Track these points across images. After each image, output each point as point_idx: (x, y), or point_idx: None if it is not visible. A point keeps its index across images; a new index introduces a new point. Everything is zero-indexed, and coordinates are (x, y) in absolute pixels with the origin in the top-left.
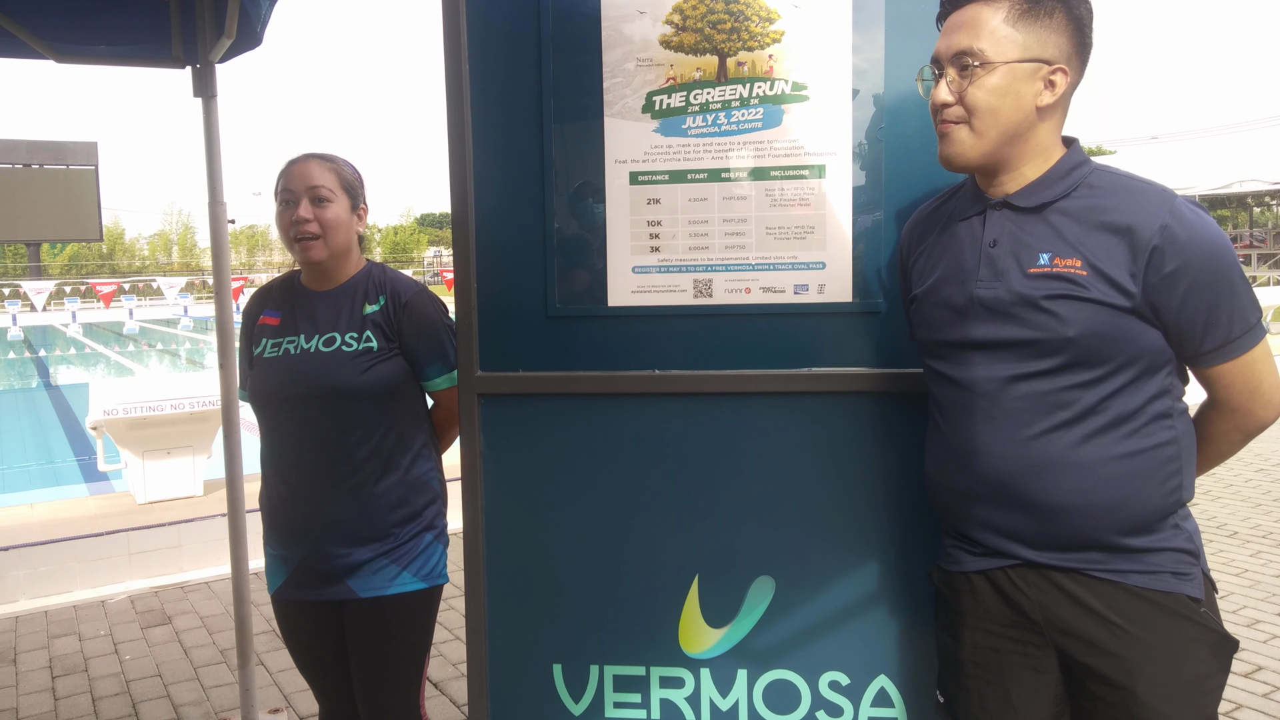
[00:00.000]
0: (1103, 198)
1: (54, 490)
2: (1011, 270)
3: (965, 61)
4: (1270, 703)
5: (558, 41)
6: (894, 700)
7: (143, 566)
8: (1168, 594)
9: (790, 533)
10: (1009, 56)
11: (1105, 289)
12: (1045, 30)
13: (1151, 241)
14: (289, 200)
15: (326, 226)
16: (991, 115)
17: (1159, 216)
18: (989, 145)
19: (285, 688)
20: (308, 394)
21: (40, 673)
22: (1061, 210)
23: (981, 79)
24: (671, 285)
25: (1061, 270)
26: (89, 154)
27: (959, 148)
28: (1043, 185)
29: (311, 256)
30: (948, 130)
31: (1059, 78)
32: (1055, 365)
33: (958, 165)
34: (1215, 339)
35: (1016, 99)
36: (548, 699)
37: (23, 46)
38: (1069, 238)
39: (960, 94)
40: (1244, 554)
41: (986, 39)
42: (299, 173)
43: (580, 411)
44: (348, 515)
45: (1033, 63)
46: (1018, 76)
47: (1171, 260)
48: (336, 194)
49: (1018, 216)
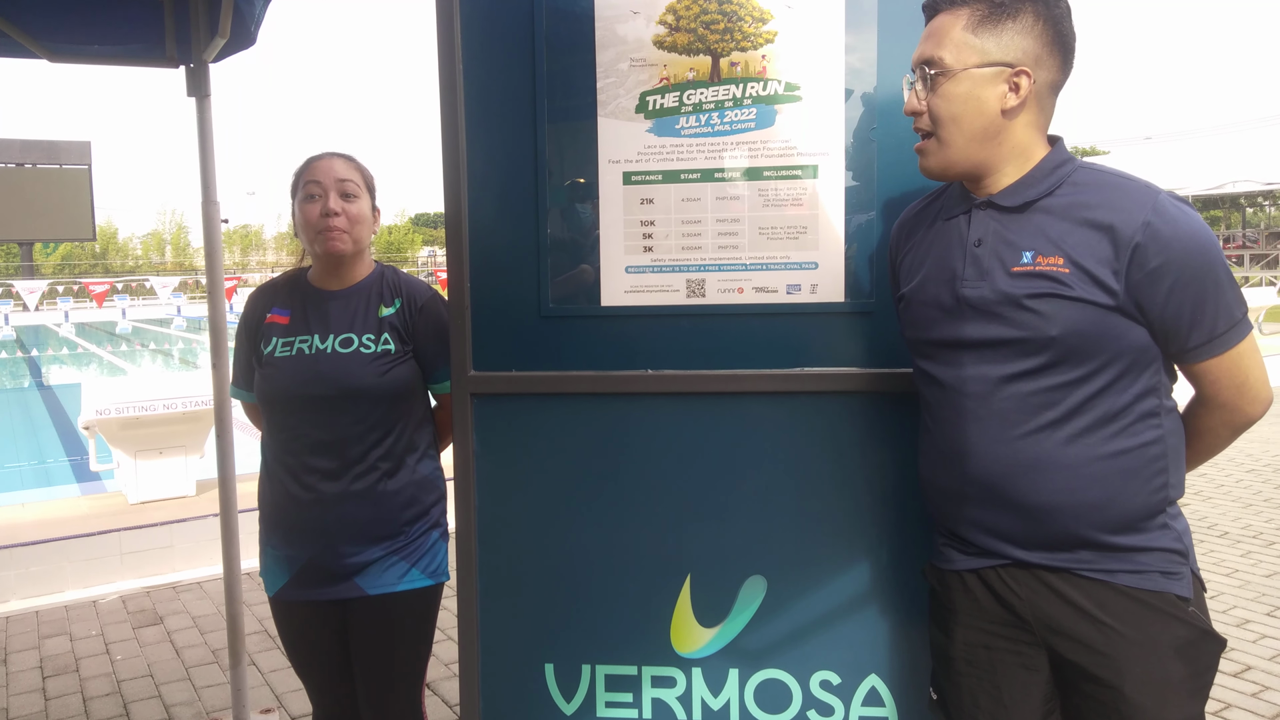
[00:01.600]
0: (1086, 194)
1: (46, 490)
2: (996, 269)
3: (927, 71)
4: (1259, 702)
5: (551, 41)
6: (885, 700)
7: (134, 566)
8: (1156, 593)
9: (782, 533)
10: (967, 63)
11: (1088, 287)
12: (1008, 34)
13: (1134, 238)
14: (315, 194)
15: (354, 221)
16: (954, 123)
17: (1141, 213)
18: (957, 153)
19: (277, 688)
20: (326, 394)
21: (31, 673)
22: (1045, 208)
23: (943, 87)
24: (664, 285)
25: (1044, 268)
26: (82, 153)
27: (929, 160)
28: (1025, 184)
29: (339, 248)
30: (921, 144)
31: (1023, 80)
32: (1040, 364)
33: (932, 175)
34: (1201, 335)
35: (978, 104)
36: (539, 698)
37: (16, 46)
38: (1052, 236)
39: (926, 103)
40: (1234, 554)
41: (947, 47)
42: (326, 168)
43: (573, 411)
44: (363, 515)
45: (993, 67)
46: (977, 82)
47: (1154, 257)
48: (361, 191)
49: (1002, 215)
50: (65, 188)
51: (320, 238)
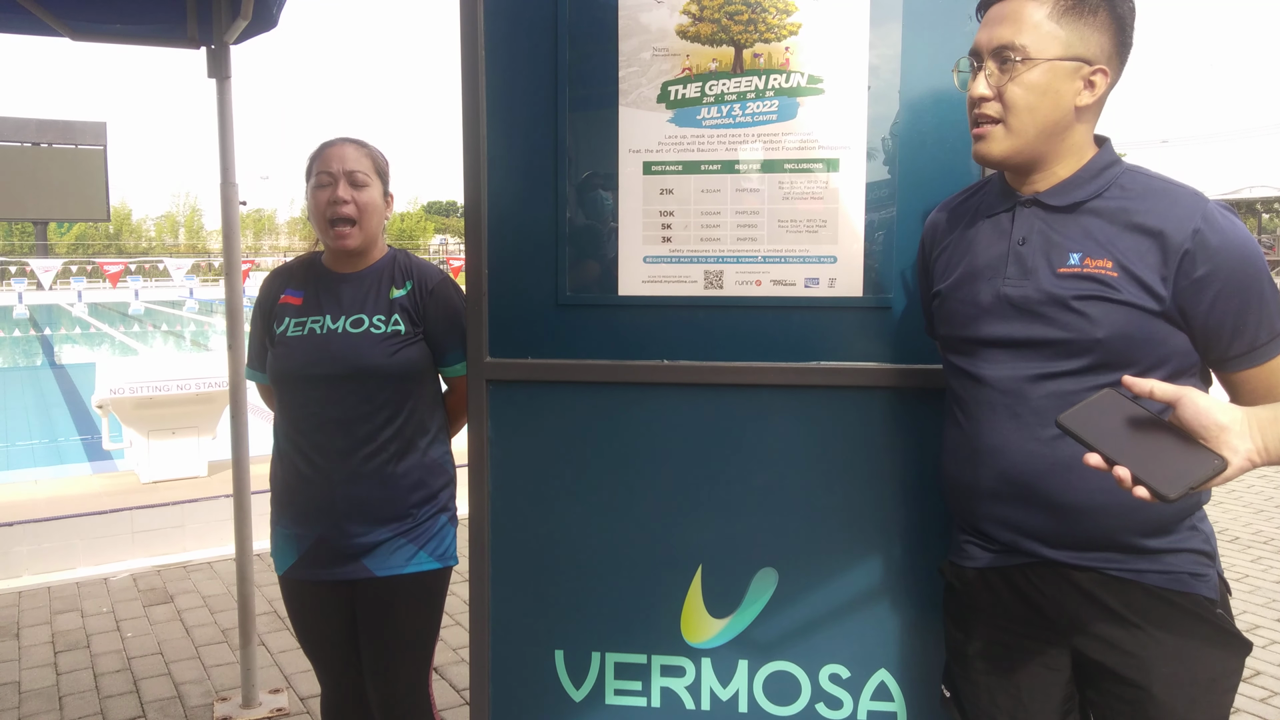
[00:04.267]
0: (1135, 200)
1: (58, 468)
2: (1041, 269)
3: (1006, 55)
4: (1268, 708)
5: (574, 30)
6: (894, 694)
7: (146, 545)
8: (1184, 594)
9: (795, 526)
10: (1051, 53)
11: (1135, 291)
12: (1088, 28)
13: (1183, 245)
14: (325, 182)
15: (363, 210)
16: (1029, 113)
17: (1191, 220)
18: (1024, 143)
19: (286, 668)
20: (336, 373)
21: (43, 648)
22: (1093, 210)
23: (1022, 75)
24: (682, 276)
25: (1092, 271)
26: (98, 134)
27: (993, 145)
28: (1074, 184)
29: (347, 245)
30: (984, 129)
31: (1099, 78)
32: (1082, 366)
33: (991, 162)
34: (1242, 345)
35: (1056, 98)
36: (549, 685)
37: (38, 23)
38: (1100, 239)
39: (999, 89)
40: (1245, 559)
41: (1029, 34)
42: (336, 155)
43: (588, 399)
44: (371, 495)
45: (1074, 61)
46: (1058, 75)
47: (1202, 265)
48: (371, 178)
49: (1048, 215)
50: (80, 168)
51: (330, 232)
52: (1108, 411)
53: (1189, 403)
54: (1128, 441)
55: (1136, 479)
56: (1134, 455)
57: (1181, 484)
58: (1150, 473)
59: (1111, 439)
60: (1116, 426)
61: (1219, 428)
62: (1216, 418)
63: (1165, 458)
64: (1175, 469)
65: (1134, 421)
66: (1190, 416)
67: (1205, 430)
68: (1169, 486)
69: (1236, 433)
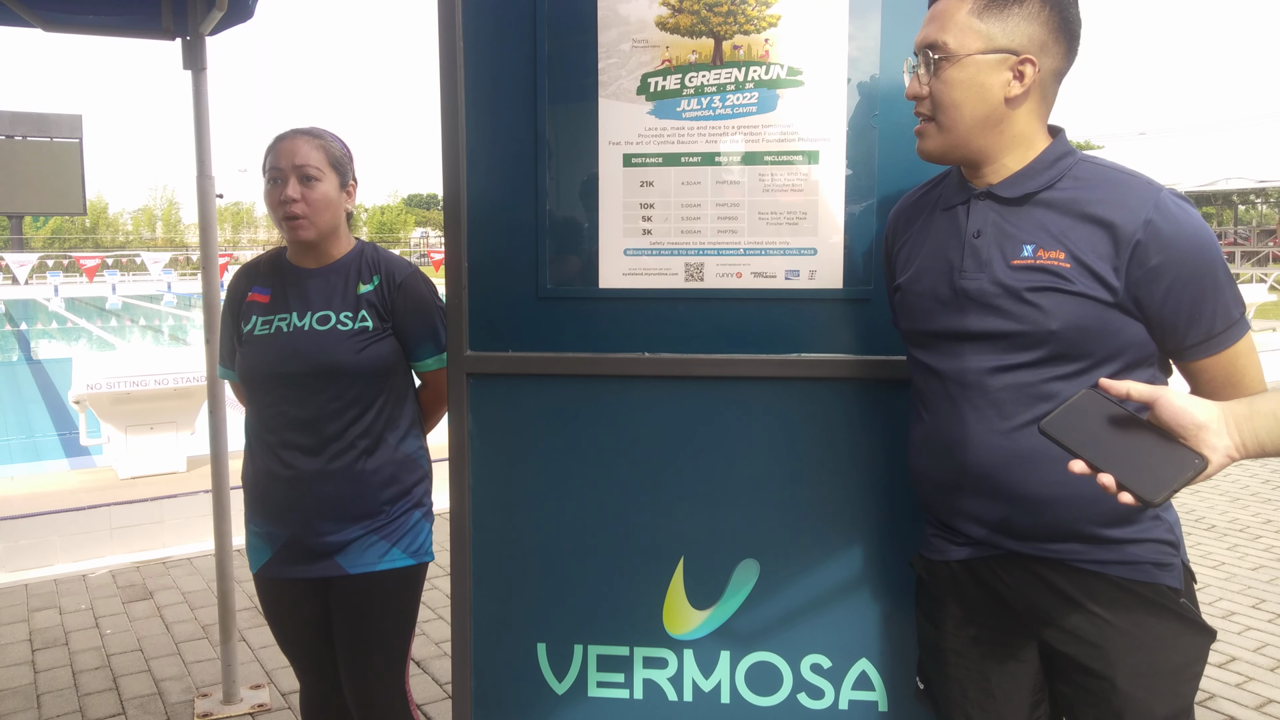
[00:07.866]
0: (1087, 190)
1: (35, 464)
2: (995, 261)
3: (929, 55)
4: (1243, 692)
5: (553, 21)
6: (874, 683)
7: (124, 541)
8: (1148, 584)
9: (776, 517)
10: (972, 49)
11: (1089, 282)
12: (1015, 19)
13: (1135, 236)
14: (276, 178)
15: (313, 206)
16: (956, 109)
17: (1143, 210)
18: (957, 138)
19: (267, 664)
20: (303, 371)
21: (20, 645)
22: (1045, 202)
23: (946, 72)
24: (663, 268)
25: (1045, 262)
26: (73, 126)
27: (927, 143)
28: (1026, 176)
29: (300, 236)
30: (920, 126)
31: (1028, 68)
32: (1038, 357)
33: (931, 159)
34: (1198, 334)
35: (981, 91)
36: (531, 678)
37: (9, 14)
38: (1053, 230)
39: (929, 87)
40: (1220, 547)
41: (951, 31)
42: (286, 150)
43: (569, 393)
44: (340, 492)
45: (998, 54)
46: (981, 69)
47: (1155, 255)
48: (324, 172)
49: (1001, 207)
50: (56, 161)
51: (285, 225)
52: (1088, 413)
53: (1166, 403)
54: (1110, 445)
55: (1121, 485)
56: (1117, 460)
57: (1164, 489)
58: (1133, 478)
59: (1093, 444)
60: (1097, 429)
61: (1197, 426)
62: (1194, 416)
63: (1147, 460)
64: (1157, 472)
65: (1115, 421)
66: (1168, 416)
67: (1183, 429)
68: (1152, 492)
69: (1214, 430)
